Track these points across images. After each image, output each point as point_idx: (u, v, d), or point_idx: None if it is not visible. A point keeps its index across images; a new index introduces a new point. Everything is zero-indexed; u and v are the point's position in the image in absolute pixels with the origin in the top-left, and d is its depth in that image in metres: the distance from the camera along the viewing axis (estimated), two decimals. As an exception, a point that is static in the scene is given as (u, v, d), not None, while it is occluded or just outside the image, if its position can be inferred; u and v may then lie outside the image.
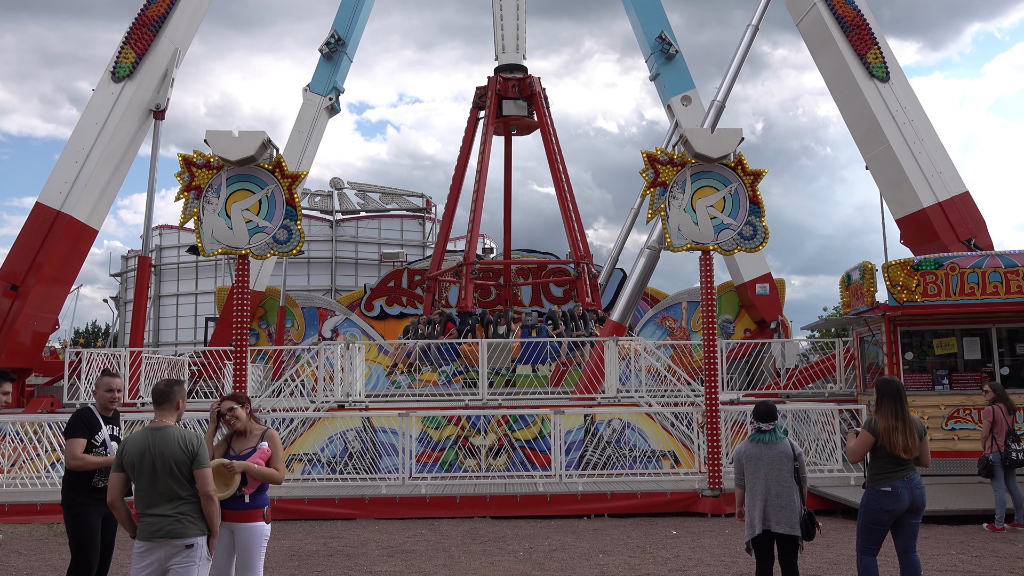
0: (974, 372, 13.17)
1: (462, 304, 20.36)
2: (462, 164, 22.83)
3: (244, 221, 10.90)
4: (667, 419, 13.30)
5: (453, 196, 22.97)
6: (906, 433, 6.03)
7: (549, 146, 22.04)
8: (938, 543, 8.98)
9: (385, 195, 37.19)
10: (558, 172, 21.97)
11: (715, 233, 11.26)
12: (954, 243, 17.01)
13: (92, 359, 15.99)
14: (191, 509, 4.92)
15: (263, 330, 23.83)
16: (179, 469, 4.91)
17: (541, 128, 22.19)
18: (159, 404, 5.21)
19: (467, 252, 21.18)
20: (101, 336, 53.10)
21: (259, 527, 5.41)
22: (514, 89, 21.86)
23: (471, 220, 21.53)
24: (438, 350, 17.36)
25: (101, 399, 6.21)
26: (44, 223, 17.36)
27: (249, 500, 5.39)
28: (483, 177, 21.54)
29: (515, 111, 21.93)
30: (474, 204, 21.50)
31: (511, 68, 22.16)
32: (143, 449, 4.96)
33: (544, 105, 22.14)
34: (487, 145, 21.61)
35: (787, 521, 6.05)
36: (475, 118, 22.64)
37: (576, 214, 22.00)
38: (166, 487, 4.89)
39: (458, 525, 10.62)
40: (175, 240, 37.67)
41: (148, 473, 4.92)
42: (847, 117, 19.08)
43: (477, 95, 22.50)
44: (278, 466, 5.48)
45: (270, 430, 5.62)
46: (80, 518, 5.87)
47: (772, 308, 22.27)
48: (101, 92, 18.12)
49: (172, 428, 5.06)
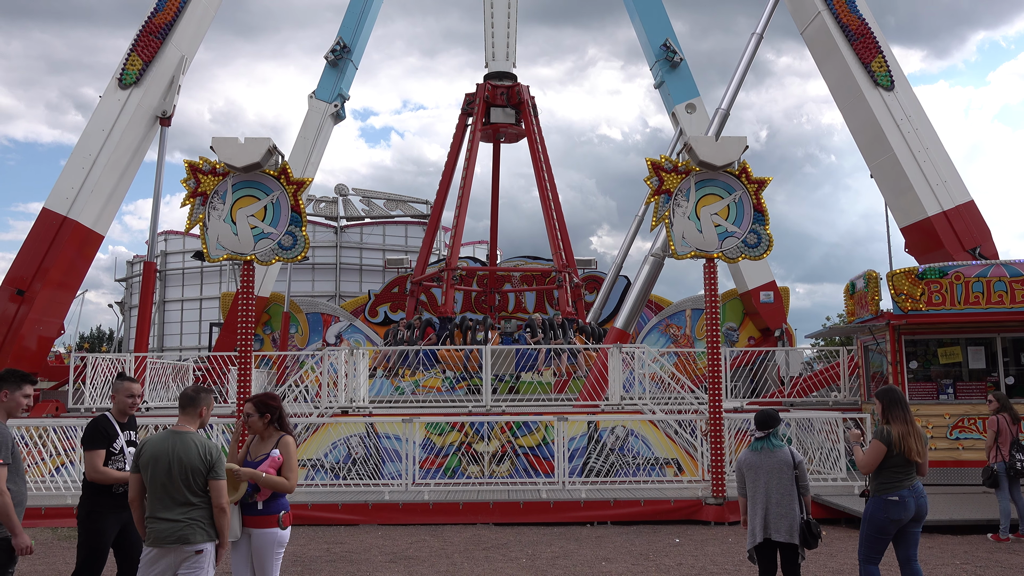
0: (979, 381, 13.14)
1: (441, 309, 20.35)
2: (449, 170, 22.98)
3: (249, 227, 10.95)
4: (671, 427, 13.28)
5: (439, 201, 23.07)
6: (917, 438, 6.09)
7: (535, 155, 22.14)
8: (942, 553, 8.96)
9: (390, 201, 37.29)
10: (543, 181, 22.07)
11: (719, 241, 11.27)
12: (959, 252, 16.99)
13: (97, 364, 16.04)
14: (202, 515, 4.94)
15: (267, 336, 23.87)
16: (195, 478, 4.94)
17: (528, 137, 22.29)
18: (183, 409, 5.23)
19: (449, 257, 21.21)
20: (106, 341, 53.24)
21: (272, 533, 5.39)
22: (502, 97, 21.94)
23: (454, 226, 21.61)
24: (415, 355, 17.35)
25: (120, 404, 6.13)
26: (50, 228, 17.45)
27: (263, 507, 5.39)
28: (468, 183, 21.64)
29: (503, 119, 22.01)
30: (458, 209, 21.56)
31: (500, 75, 22.23)
32: (160, 452, 4.98)
33: (532, 113, 22.22)
34: (473, 151, 21.70)
35: (786, 529, 6.04)
36: (464, 124, 22.76)
37: (561, 222, 22.06)
38: (179, 492, 4.91)
39: (461, 532, 10.62)
40: (180, 245, 37.81)
41: (163, 476, 4.94)
42: (852, 125, 19.09)
43: (465, 101, 22.59)
44: (287, 474, 5.43)
45: (285, 437, 5.55)
46: (95, 526, 5.82)
47: (776, 316, 22.24)
48: (108, 99, 18.23)
49: (193, 435, 5.08)
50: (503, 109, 21.93)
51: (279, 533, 5.41)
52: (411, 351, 17.11)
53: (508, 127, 22.12)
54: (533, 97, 22.44)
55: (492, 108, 21.97)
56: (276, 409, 5.60)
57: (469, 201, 22.80)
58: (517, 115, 22.14)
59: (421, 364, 17.43)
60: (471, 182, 21.74)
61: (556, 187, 22.67)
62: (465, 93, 22.73)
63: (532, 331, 18.92)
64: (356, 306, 25.35)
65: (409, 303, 22.60)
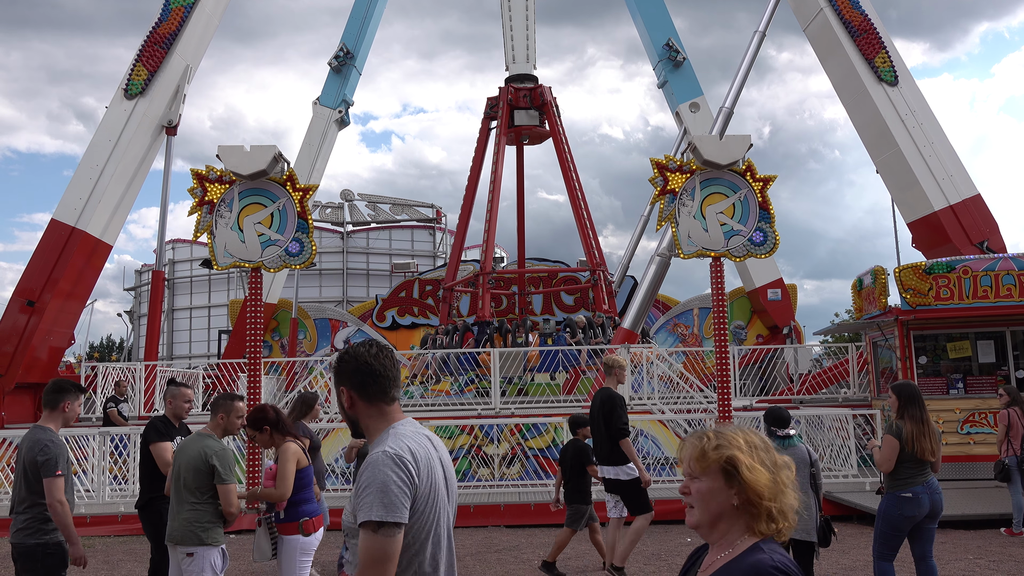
0: (989, 375, 13.09)
1: (480, 314, 20.39)
2: (475, 174, 22.88)
3: (256, 234, 10.99)
4: (680, 426, 13.27)
5: (467, 207, 23.02)
6: (930, 436, 6.05)
7: (562, 155, 22.08)
8: (955, 548, 8.93)
9: (395, 206, 37.33)
10: (571, 180, 21.99)
11: (725, 240, 11.26)
12: (966, 246, 16.93)
13: (107, 373, 16.12)
14: (198, 518, 4.98)
15: (276, 342, 23.94)
16: (193, 476, 4.99)
17: (553, 137, 22.24)
18: (212, 412, 5.39)
19: (483, 262, 21.21)
20: (115, 350, 53.45)
21: (294, 540, 5.41)
22: (525, 99, 21.93)
23: (486, 230, 21.58)
24: (457, 360, 17.39)
25: (177, 409, 6.28)
26: (59, 239, 17.56)
27: (284, 514, 5.42)
28: (497, 188, 21.58)
29: (527, 121, 21.99)
30: (488, 214, 21.56)
31: (522, 78, 22.24)
32: (179, 452, 5.17)
33: (556, 114, 22.19)
34: (500, 155, 21.66)
35: (803, 527, 6.03)
36: (487, 128, 22.70)
37: (591, 222, 22.01)
38: (180, 492, 5.01)
39: (472, 534, 10.63)
40: (188, 254, 37.94)
41: (175, 476, 5.09)
42: (856, 121, 19.05)
43: (488, 105, 22.57)
44: (278, 482, 5.42)
45: (284, 444, 5.55)
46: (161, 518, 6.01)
47: (784, 313, 22.20)
48: (114, 109, 18.33)
49: (207, 437, 5.16)
50: (527, 111, 21.93)
51: (302, 540, 5.41)
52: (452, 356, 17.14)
53: (532, 129, 22.12)
54: (556, 98, 22.42)
55: (516, 111, 21.96)
56: (269, 419, 5.63)
57: (473, 203, 22.86)
58: (541, 116, 22.15)
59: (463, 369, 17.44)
60: (500, 186, 21.69)
61: (583, 187, 22.57)
62: (487, 97, 22.71)
63: (572, 331, 18.85)
64: (364, 311, 25.41)
65: (442, 309, 22.59)
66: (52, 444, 4.96)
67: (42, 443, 4.95)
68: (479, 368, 17.49)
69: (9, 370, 16.97)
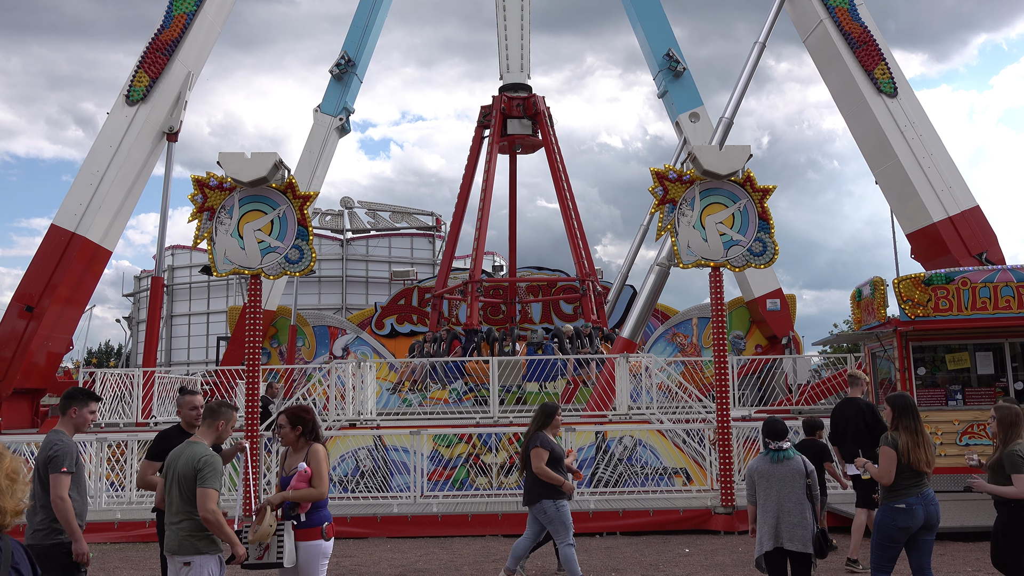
0: (988, 387, 13.08)
1: (468, 322, 20.40)
2: (467, 182, 22.98)
3: (256, 241, 11.01)
4: (679, 436, 13.26)
5: (459, 214, 23.10)
6: (926, 447, 6.05)
7: (554, 164, 22.17)
8: (954, 560, 8.91)
9: (395, 214, 37.40)
10: (563, 190, 22.08)
11: (725, 250, 11.28)
12: (965, 257, 16.96)
13: (106, 379, 16.10)
14: (193, 527, 4.98)
15: (274, 349, 23.93)
16: (185, 485, 4.99)
17: (545, 147, 22.32)
18: (203, 419, 5.39)
19: (472, 270, 21.25)
20: (114, 356, 53.37)
21: (317, 545, 5.43)
22: (518, 108, 22.01)
23: (476, 238, 21.64)
24: (444, 368, 17.38)
25: (186, 418, 6.45)
26: (59, 245, 17.57)
27: (305, 519, 5.42)
28: (488, 196, 21.66)
29: (519, 130, 22.06)
30: (479, 222, 21.62)
31: (515, 87, 22.32)
32: (170, 460, 5.15)
33: (548, 124, 22.27)
34: (492, 164, 21.75)
35: (800, 538, 6.02)
36: (480, 137, 22.80)
37: (581, 231, 22.07)
38: (174, 501, 5.01)
39: (470, 544, 10.61)
40: (187, 260, 37.97)
41: (168, 484, 5.09)
42: (855, 132, 19.12)
43: (482, 114, 22.67)
44: (316, 483, 5.44)
45: (314, 446, 5.55)
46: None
47: (783, 323, 22.22)
48: (115, 115, 18.38)
49: (198, 445, 5.16)
50: (520, 120, 22.00)
51: (323, 544, 5.46)
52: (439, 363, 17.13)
53: (524, 138, 22.20)
54: (549, 108, 22.50)
55: (508, 120, 22.03)
56: (308, 423, 5.64)
57: (465, 211, 22.91)
58: (534, 126, 22.22)
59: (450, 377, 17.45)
60: (491, 194, 21.77)
61: (575, 196, 22.68)
62: (481, 106, 22.82)
63: (560, 341, 18.85)
64: (363, 318, 25.42)
65: (432, 316, 22.63)
66: (61, 443, 5.23)
67: (52, 443, 5.25)
68: (465, 376, 17.48)
69: (7, 375, 16.96)
